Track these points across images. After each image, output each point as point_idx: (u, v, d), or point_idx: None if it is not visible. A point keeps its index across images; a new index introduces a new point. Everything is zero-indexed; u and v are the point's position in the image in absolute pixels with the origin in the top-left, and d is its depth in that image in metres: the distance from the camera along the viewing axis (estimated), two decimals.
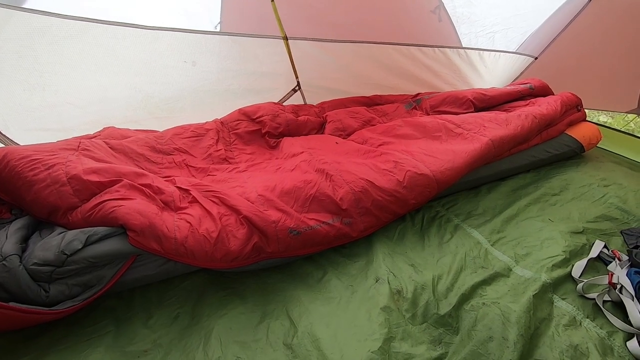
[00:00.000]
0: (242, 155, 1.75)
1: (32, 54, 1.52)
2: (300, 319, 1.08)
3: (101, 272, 1.07)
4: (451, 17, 2.25)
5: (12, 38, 1.46)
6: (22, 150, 1.29)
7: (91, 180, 1.20)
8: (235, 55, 2.09)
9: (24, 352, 0.99)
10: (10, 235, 1.08)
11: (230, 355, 0.99)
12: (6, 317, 0.93)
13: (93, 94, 1.74)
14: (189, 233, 1.09)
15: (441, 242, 1.38)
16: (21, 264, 0.99)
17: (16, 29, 1.45)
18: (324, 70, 2.25)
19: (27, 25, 1.47)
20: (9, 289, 0.96)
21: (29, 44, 1.50)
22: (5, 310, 0.92)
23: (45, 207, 1.18)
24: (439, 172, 1.44)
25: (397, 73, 2.41)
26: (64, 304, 1.01)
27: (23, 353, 0.98)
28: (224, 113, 1.96)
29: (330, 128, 1.95)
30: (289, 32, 2.04)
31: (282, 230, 1.17)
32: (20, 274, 0.97)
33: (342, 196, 1.30)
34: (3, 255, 0.99)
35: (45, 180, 1.19)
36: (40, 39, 1.50)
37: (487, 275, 1.20)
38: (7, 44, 1.46)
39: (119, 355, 0.99)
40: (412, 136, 1.74)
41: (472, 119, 1.76)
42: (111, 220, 1.09)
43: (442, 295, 1.14)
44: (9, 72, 1.52)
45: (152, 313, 1.11)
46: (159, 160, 1.59)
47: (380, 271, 1.21)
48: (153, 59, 1.82)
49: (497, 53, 2.42)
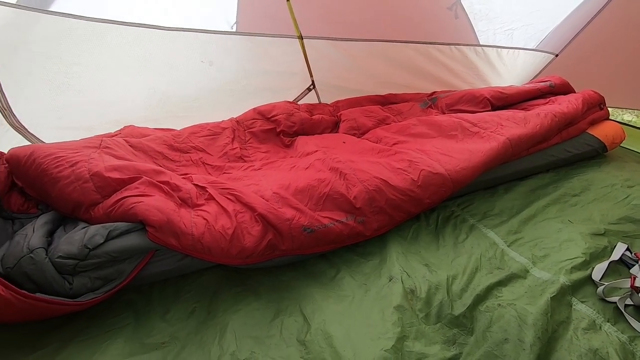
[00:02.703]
0: (257, 154, 1.77)
1: (58, 55, 1.58)
2: (314, 316, 1.09)
3: (121, 266, 1.11)
4: (468, 14, 2.22)
5: (40, 40, 1.52)
6: (47, 148, 1.35)
7: (112, 177, 1.24)
8: (251, 54, 2.12)
9: (48, 341, 1.03)
10: (36, 229, 1.12)
11: (245, 349, 1.01)
12: (32, 307, 0.97)
13: (114, 93, 1.80)
14: (205, 229, 1.12)
15: (456, 242, 1.36)
16: (47, 257, 1.03)
17: (44, 31, 1.51)
18: (338, 69, 2.26)
19: (54, 28, 1.53)
20: (35, 280, 1.00)
21: (56, 46, 1.56)
22: (31, 301, 0.96)
23: (69, 203, 1.22)
24: (454, 171, 1.42)
25: (413, 71, 2.39)
26: (86, 296, 1.05)
27: (47, 343, 1.02)
28: (240, 112, 1.98)
29: (344, 127, 1.95)
30: (304, 31, 2.05)
31: (296, 228, 1.18)
32: (46, 267, 1.01)
33: (356, 195, 1.31)
34: (30, 248, 1.04)
35: (69, 177, 1.24)
36: (66, 40, 1.56)
37: (503, 277, 1.18)
38: (35, 45, 1.52)
39: (138, 347, 1.03)
40: (427, 135, 1.72)
41: (489, 117, 1.73)
42: (131, 216, 1.12)
43: (457, 295, 1.13)
44: (37, 72, 1.58)
45: (169, 307, 1.14)
46: (176, 158, 1.63)
47: (394, 270, 1.21)
48: (172, 59, 1.86)
49: (516, 50, 2.37)
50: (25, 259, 1.01)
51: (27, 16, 1.46)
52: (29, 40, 1.50)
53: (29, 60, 1.54)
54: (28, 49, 1.52)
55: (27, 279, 1.00)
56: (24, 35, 1.48)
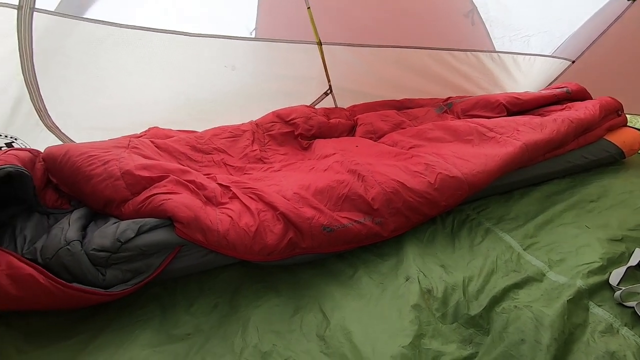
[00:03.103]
0: (276, 156, 1.82)
1: (92, 60, 1.67)
2: (333, 313, 1.12)
3: (150, 260, 1.16)
4: (484, 20, 2.25)
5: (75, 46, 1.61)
6: (80, 147, 1.42)
7: (142, 176, 1.30)
8: (270, 59, 2.19)
9: (82, 329, 1.09)
10: (72, 223, 1.19)
11: (267, 343, 1.04)
12: (69, 296, 1.03)
13: (142, 96, 1.88)
14: (230, 226, 1.17)
15: (472, 245, 1.38)
16: (82, 249, 1.09)
17: (79, 37, 1.60)
18: (355, 74, 2.30)
19: (89, 34, 1.62)
20: (72, 271, 1.06)
21: (90, 51, 1.65)
22: (69, 290, 1.02)
23: (101, 199, 1.29)
24: (470, 175, 1.44)
25: (428, 77, 2.42)
26: (117, 287, 1.11)
27: (81, 330, 1.08)
28: (259, 115, 2.05)
29: (361, 131, 1.99)
30: (323, 37, 2.11)
31: (316, 227, 1.22)
32: (82, 258, 1.07)
33: (374, 196, 1.34)
34: (67, 240, 1.10)
35: (101, 174, 1.31)
36: (100, 46, 1.65)
37: (520, 279, 1.19)
38: (71, 51, 1.61)
39: (165, 338, 1.07)
40: (443, 139, 1.75)
41: (505, 122, 1.75)
42: (160, 212, 1.18)
43: (473, 296, 1.15)
44: (72, 76, 1.67)
45: (193, 301, 1.19)
46: (199, 158, 1.69)
47: (411, 270, 1.24)
48: (195, 63, 1.94)
49: (532, 57, 2.38)
50: (63, 250, 1.08)
51: (64, 23, 1.55)
52: (65, 46, 1.59)
53: (64, 64, 1.63)
54: (64, 54, 1.61)
55: (64, 269, 1.07)
56: (61, 41, 1.57)
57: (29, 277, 1.01)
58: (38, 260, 1.09)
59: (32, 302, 1.03)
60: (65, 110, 1.73)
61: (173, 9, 1.90)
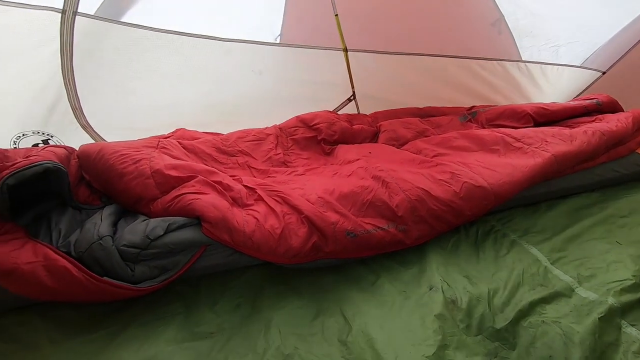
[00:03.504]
0: (298, 160, 1.84)
1: (126, 62, 1.74)
2: (355, 318, 1.12)
3: (177, 258, 1.19)
4: (512, 30, 2.22)
5: (110, 48, 1.68)
6: (113, 145, 1.47)
7: (171, 175, 1.34)
8: (295, 65, 2.22)
9: (110, 323, 1.12)
10: (104, 219, 1.23)
11: (289, 345, 1.05)
12: (100, 289, 1.07)
13: (170, 98, 1.94)
14: (255, 228, 1.18)
15: (497, 257, 1.36)
16: (113, 245, 1.13)
17: (115, 39, 1.67)
18: (379, 81, 2.31)
19: (124, 37, 1.68)
20: (103, 265, 1.10)
21: (124, 53, 1.71)
22: (100, 283, 1.06)
23: (132, 197, 1.33)
24: (497, 185, 1.42)
25: (453, 85, 2.40)
26: (145, 283, 1.14)
27: (109, 324, 1.12)
28: (283, 119, 2.08)
29: (383, 137, 1.99)
30: (348, 44, 2.12)
31: (340, 232, 1.23)
32: (113, 253, 1.11)
33: (398, 203, 1.34)
34: (100, 235, 1.14)
35: (133, 173, 1.35)
36: (134, 48, 1.72)
37: (547, 294, 1.16)
38: (107, 53, 1.68)
39: (189, 335, 1.09)
40: (468, 148, 1.73)
41: (533, 133, 1.72)
42: (189, 211, 1.21)
43: (498, 309, 1.13)
44: (106, 76, 1.74)
45: (216, 300, 1.21)
46: (224, 160, 1.73)
47: (434, 280, 1.22)
48: (223, 67, 1.99)
49: (560, 67, 2.33)
50: (95, 245, 1.12)
51: (102, 26, 1.62)
52: (101, 48, 1.66)
53: (99, 65, 1.70)
54: (100, 55, 1.68)
55: (96, 263, 1.10)
56: (98, 43, 1.64)
57: (63, 270, 1.05)
58: (72, 253, 1.13)
59: (65, 293, 1.07)
60: (98, 110, 1.80)
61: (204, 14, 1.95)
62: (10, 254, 1.06)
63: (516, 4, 2.14)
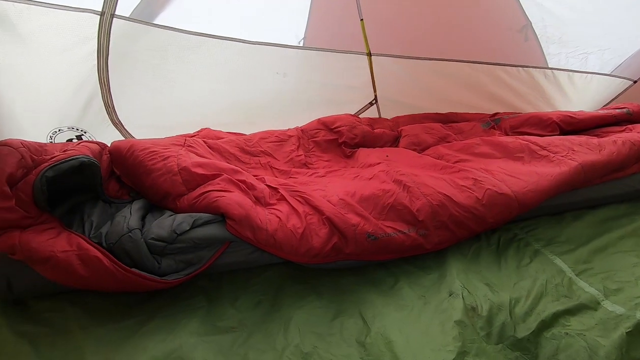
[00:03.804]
0: (319, 162, 1.86)
1: (157, 63, 1.81)
2: (374, 320, 1.12)
3: (201, 253, 1.22)
4: (540, 36, 2.19)
5: (143, 49, 1.75)
6: (143, 142, 1.53)
7: (197, 173, 1.38)
8: (318, 68, 2.25)
9: (136, 313, 1.16)
10: (133, 213, 1.28)
11: (308, 344, 1.06)
12: (128, 280, 1.11)
13: (197, 98, 2.00)
14: (278, 227, 1.21)
15: (519, 265, 1.33)
16: (142, 238, 1.17)
17: (147, 41, 1.74)
18: (402, 85, 2.31)
19: (156, 38, 1.75)
20: (132, 257, 1.14)
21: (156, 54, 1.78)
22: (129, 274, 1.10)
23: (159, 193, 1.38)
24: (521, 193, 1.40)
25: (475, 91, 2.38)
26: (170, 276, 1.17)
27: (135, 314, 1.16)
28: (305, 121, 2.10)
29: (405, 142, 1.99)
30: (372, 48, 2.14)
31: (360, 234, 1.24)
32: (141, 246, 1.15)
33: (419, 208, 1.34)
34: (129, 228, 1.18)
35: (161, 169, 1.40)
36: (164, 50, 1.78)
37: (571, 306, 1.14)
38: (141, 53, 1.75)
39: (211, 328, 1.12)
40: (492, 155, 1.71)
41: (560, 141, 1.69)
42: (214, 208, 1.24)
43: (520, 318, 1.11)
44: (138, 76, 1.81)
45: (238, 296, 1.23)
46: (247, 160, 1.77)
47: (454, 286, 1.22)
48: (248, 69, 2.03)
49: (589, 75, 2.27)
50: (125, 237, 1.16)
51: (136, 28, 1.69)
52: (135, 49, 1.73)
53: (132, 66, 1.77)
54: (134, 56, 1.75)
55: (126, 254, 1.15)
56: (132, 44, 1.71)
57: (95, 259, 1.10)
58: (103, 244, 1.18)
59: (96, 282, 1.12)
60: (129, 108, 1.87)
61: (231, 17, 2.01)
62: (46, 243, 1.12)
63: (544, 10, 2.11)
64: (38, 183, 1.17)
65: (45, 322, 1.12)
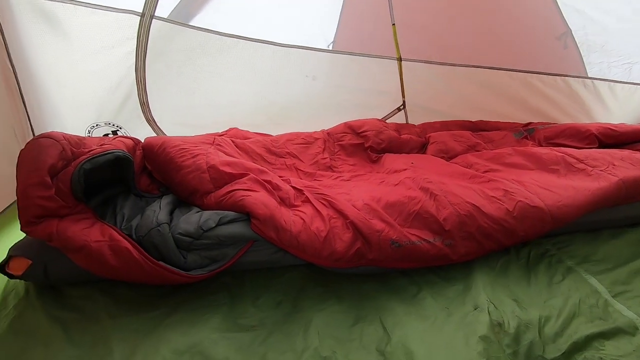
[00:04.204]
0: (344, 166, 1.86)
1: (190, 63, 1.87)
2: (394, 329, 1.10)
3: (225, 250, 1.24)
4: (580, 45, 2.10)
5: (179, 49, 1.82)
6: (175, 139, 1.58)
7: (225, 171, 1.41)
8: (347, 72, 2.25)
9: (161, 305, 1.19)
10: (162, 207, 1.32)
11: (327, 347, 1.06)
12: (155, 273, 1.14)
13: (227, 98, 2.04)
14: (302, 229, 1.21)
15: (550, 283, 1.28)
16: (170, 232, 1.21)
17: (183, 41, 1.80)
18: (431, 91, 2.28)
19: (191, 39, 1.81)
20: (160, 250, 1.18)
21: (190, 55, 1.84)
22: (156, 267, 1.13)
23: (188, 189, 1.41)
24: (555, 207, 1.34)
25: (508, 100, 2.31)
26: (195, 271, 1.20)
27: (160, 306, 1.19)
28: (332, 124, 2.11)
29: (432, 149, 1.95)
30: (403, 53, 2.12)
31: (384, 240, 1.22)
32: (169, 240, 1.18)
33: (446, 217, 1.30)
34: (158, 222, 1.22)
35: (190, 166, 1.44)
36: (198, 50, 1.84)
37: (607, 329, 1.08)
38: (175, 53, 1.82)
39: (232, 325, 1.13)
40: (524, 166, 1.65)
41: (599, 155, 1.61)
42: (240, 207, 1.26)
43: (550, 338, 1.06)
44: (171, 76, 1.88)
45: (259, 295, 1.24)
46: (273, 161, 1.79)
47: (480, 299, 1.18)
48: (278, 71, 2.07)
49: (632, 86, 2.16)
50: (154, 230, 1.20)
51: (173, 29, 1.75)
52: (170, 49, 1.80)
53: (167, 65, 1.83)
54: (169, 56, 1.82)
55: (154, 248, 1.18)
56: (168, 44, 1.77)
57: (125, 251, 1.13)
58: (133, 236, 1.22)
59: (125, 273, 1.16)
60: (162, 106, 1.94)
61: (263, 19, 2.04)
62: (81, 232, 1.17)
63: (586, 17, 2.02)
64: (76, 174, 1.23)
65: (77, 308, 1.17)
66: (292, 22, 2.16)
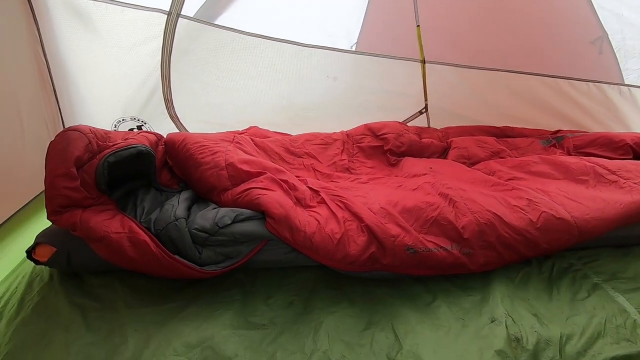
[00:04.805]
0: (362, 168, 1.84)
1: (214, 61, 1.90)
2: (406, 337, 1.08)
3: (240, 248, 1.25)
4: (616, 50, 1.99)
5: (203, 47, 1.85)
6: (196, 136, 1.60)
7: (243, 169, 1.42)
8: (369, 73, 2.23)
9: (176, 298, 1.21)
10: (180, 202, 1.34)
11: (336, 351, 1.05)
12: (171, 266, 1.16)
13: (249, 97, 2.07)
14: (316, 230, 1.20)
15: (574, 299, 1.22)
16: (187, 227, 1.23)
17: (207, 40, 1.84)
18: (455, 95, 2.22)
19: (216, 38, 1.84)
20: (177, 244, 1.20)
21: (214, 53, 1.87)
22: (172, 261, 1.16)
23: (206, 185, 1.43)
24: (582, 219, 1.28)
25: (536, 105, 2.22)
26: (209, 267, 1.21)
27: (175, 299, 1.21)
28: (351, 125, 2.09)
29: (453, 154, 1.90)
30: (427, 56, 2.08)
31: (399, 246, 1.20)
32: (186, 235, 1.20)
33: (465, 225, 1.27)
34: (176, 217, 1.24)
35: (209, 163, 1.46)
36: (222, 49, 1.87)
37: (634, 352, 1.02)
38: (199, 52, 1.85)
39: (244, 322, 1.14)
40: (550, 175, 1.58)
41: (633, 166, 1.52)
42: (255, 205, 1.27)
43: (572, 357, 1.01)
44: (195, 74, 1.92)
45: (271, 294, 1.25)
46: (291, 160, 1.79)
47: (497, 312, 1.14)
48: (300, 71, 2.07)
49: None
50: (171, 225, 1.22)
51: (198, 27, 1.79)
52: (195, 48, 1.83)
53: (191, 63, 1.87)
54: (193, 54, 1.85)
55: (171, 242, 1.21)
56: (193, 42, 1.81)
57: (143, 243, 1.16)
58: (151, 229, 1.25)
59: (142, 265, 1.19)
60: (185, 103, 1.98)
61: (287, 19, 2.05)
62: (103, 223, 1.20)
63: (624, 21, 1.92)
64: (101, 167, 1.27)
65: (96, 296, 1.21)
66: (315, 23, 2.16)
